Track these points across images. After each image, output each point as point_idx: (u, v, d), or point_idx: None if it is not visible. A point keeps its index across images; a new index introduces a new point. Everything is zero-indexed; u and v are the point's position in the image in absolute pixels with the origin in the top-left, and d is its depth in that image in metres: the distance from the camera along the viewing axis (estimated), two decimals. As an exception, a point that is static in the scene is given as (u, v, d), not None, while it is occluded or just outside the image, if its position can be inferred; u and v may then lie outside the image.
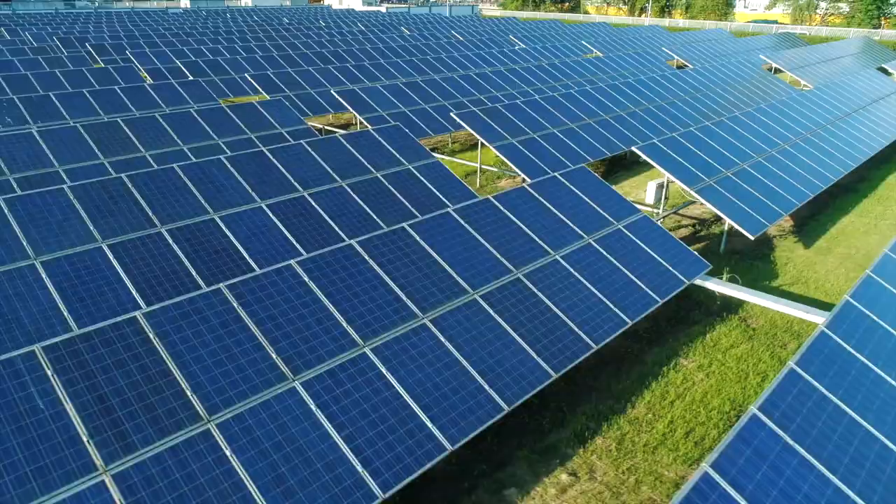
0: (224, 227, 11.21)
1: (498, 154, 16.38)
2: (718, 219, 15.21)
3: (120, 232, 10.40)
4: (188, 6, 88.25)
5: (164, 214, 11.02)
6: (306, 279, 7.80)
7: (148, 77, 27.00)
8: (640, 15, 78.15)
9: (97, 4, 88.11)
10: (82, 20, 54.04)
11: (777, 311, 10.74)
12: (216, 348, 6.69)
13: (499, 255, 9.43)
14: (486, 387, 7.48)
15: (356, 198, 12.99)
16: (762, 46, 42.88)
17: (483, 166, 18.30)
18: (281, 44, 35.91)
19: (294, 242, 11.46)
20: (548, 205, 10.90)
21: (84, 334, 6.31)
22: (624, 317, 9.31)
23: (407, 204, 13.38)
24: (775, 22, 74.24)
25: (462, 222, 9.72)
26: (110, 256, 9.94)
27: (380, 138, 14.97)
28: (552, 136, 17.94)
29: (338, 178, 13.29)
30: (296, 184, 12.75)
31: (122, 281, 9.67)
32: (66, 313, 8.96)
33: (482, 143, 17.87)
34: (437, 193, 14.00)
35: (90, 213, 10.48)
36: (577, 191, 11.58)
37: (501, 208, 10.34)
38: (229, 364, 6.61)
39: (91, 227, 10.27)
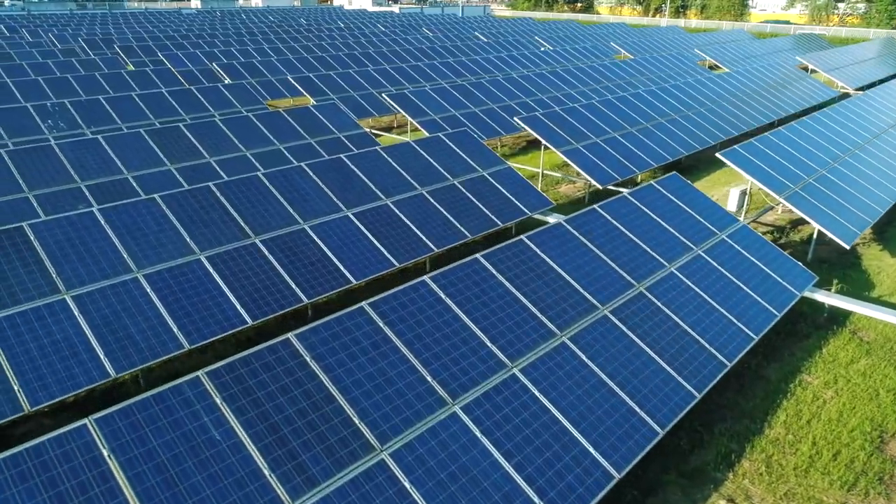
0: (315, 237, 10.90)
1: (565, 159, 16.06)
2: (795, 226, 14.90)
3: (216, 243, 10.09)
4: (199, 6, 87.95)
5: (256, 224, 10.71)
6: (442, 295, 7.49)
7: (183, 80, 26.67)
8: (654, 15, 77.81)
9: (108, 5, 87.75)
10: (100, 21, 53.72)
11: (889, 323, 10.43)
12: (372, 371, 6.38)
13: (616, 267, 9.12)
14: (637, 409, 7.17)
15: (437, 206, 12.68)
16: (788, 47, 42.58)
17: (545, 171, 17.97)
18: (309, 45, 35.59)
19: (385, 252, 11.15)
20: (651, 214, 10.59)
21: (243, 358, 6.00)
22: (749, 332, 9.00)
23: (486, 211, 13.07)
24: (787, 22, 74.02)
25: (576, 233, 9.41)
26: (209, 268, 9.63)
27: (451, 144, 14.67)
28: (614, 141, 17.63)
29: (417, 186, 12.98)
30: (378, 191, 12.44)
31: (224, 294, 9.36)
32: (175, 329, 8.65)
33: (544, 147, 17.57)
34: (514, 200, 13.69)
35: (184, 224, 10.17)
36: (675, 199, 11.27)
37: (609, 218, 10.03)
38: (388, 388, 6.29)
39: (188, 239, 9.95)
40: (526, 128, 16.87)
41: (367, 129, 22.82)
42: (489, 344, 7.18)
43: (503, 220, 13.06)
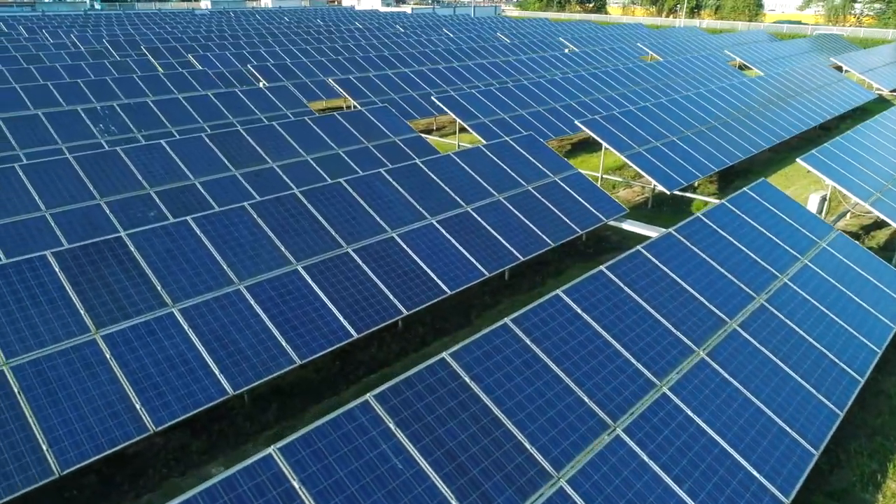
0: (405, 246, 10.63)
1: (629, 163, 15.78)
2: (868, 231, 14.64)
3: (311, 253, 9.82)
4: (209, 7, 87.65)
5: (346, 233, 10.45)
6: (579, 311, 7.22)
7: (219, 82, 26.38)
8: (667, 15, 77.53)
9: (119, 5, 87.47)
10: (116, 22, 53.43)
11: None
12: (531, 393, 6.11)
13: (733, 279, 8.85)
14: (788, 429, 6.90)
15: (516, 212, 12.42)
16: (813, 47, 42.29)
17: (604, 175, 17.70)
18: (335, 47, 35.30)
19: (473, 261, 10.88)
20: (752, 223, 10.32)
21: (406, 380, 5.73)
22: (871, 345, 8.73)
23: (564, 218, 12.80)
24: (799, 22, 73.71)
25: (687, 243, 9.14)
26: (308, 279, 9.37)
27: (519, 148, 14.40)
28: (672, 144, 17.36)
29: (494, 192, 12.71)
30: (457, 198, 12.17)
31: (326, 306, 9.10)
32: (283, 343, 8.39)
33: (605, 150, 17.31)
34: (589, 206, 13.42)
35: (277, 233, 9.90)
36: (770, 207, 11.00)
37: (715, 227, 9.76)
38: (550, 410, 6.03)
39: (283, 249, 9.69)
40: (587, 130, 16.61)
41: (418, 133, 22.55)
42: (634, 361, 6.91)
43: (581, 226, 12.80)
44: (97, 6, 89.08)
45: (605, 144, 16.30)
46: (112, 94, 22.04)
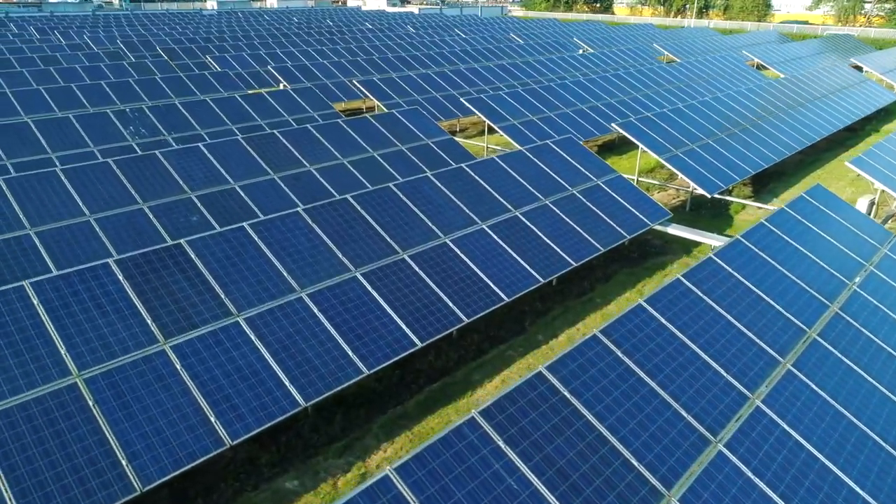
0: (459, 252, 10.46)
1: (669, 166, 15.61)
2: (912, 235, 14.47)
3: (368, 259, 9.65)
4: (215, 7, 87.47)
5: (401, 238, 10.28)
6: (663, 321, 7.05)
7: (241, 83, 26.20)
8: (676, 16, 77.35)
9: (126, 4, 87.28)
10: (126, 22, 53.27)
11: None
12: (629, 407, 5.94)
13: (805, 286, 8.68)
14: (882, 443, 6.73)
15: (564, 217, 12.24)
16: (828, 48, 42.09)
17: (639, 178, 17.53)
18: (351, 48, 35.11)
19: (528, 268, 10.72)
20: (815, 229, 10.15)
21: (508, 396, 5.56)
22: (947, 354, 8.56)
23: (611, 222, 12.63)
24: (806, 23, 73.54)
25: (756, 250, 8.96)
26: (368, 287, 9.20)
27: (560, 151, 14.23)
28: (708, 147, 17.18)
29: (540, 196, 12.54)
30: (505, 202, 12.00)
31: (388, 314, 8.93)
32: (350, 352, 8.22)
33: (642, 152, 17.14)
34: (634, 210, 13.25)
35: (333, 239, 9.73)
36: (829, 211, 10.83)
37: (780, 234, 9.58)
38: (650, 425, 5.85)
39: (340, 255, 9.52)
40: (623, 132, 16.44)
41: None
42: (724, 373, 6.74)
43: (629, 231, 12.63)
44: (124, 4, 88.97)
45: (641, 146, 16.12)
46: (135, 95, 21.88)
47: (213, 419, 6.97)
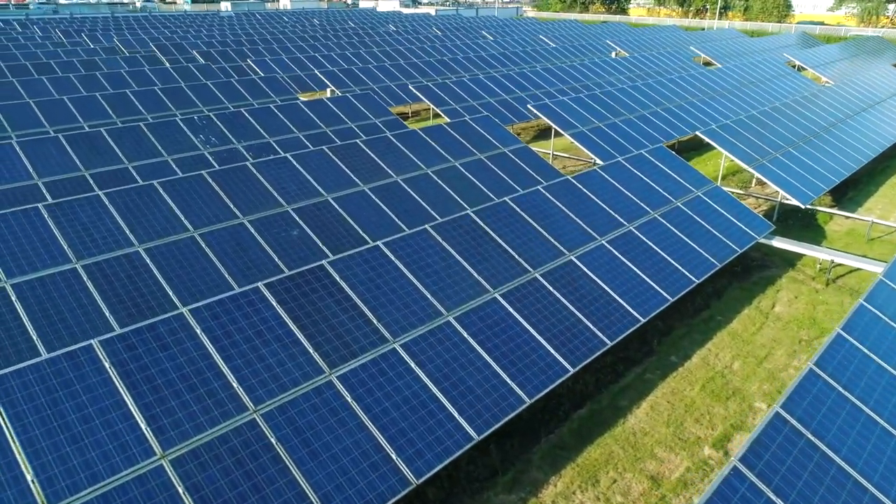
0: (587, 270, 10.08)
1: (762, 177, 15.21)
2: None
3: (502, 279, 9.28)
4: (229, 9, 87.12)
5: (529, 256, 9.91)
6: (840, 389, 6.66)
7: (293, 88, 25.84)
8: (695, 16, 76.95)
9: (140, 6, 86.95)
10: (148, 24, 52.92)
11: None
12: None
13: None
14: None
15: (676, 231, 11.87)
16: (862, 50, 41.69)
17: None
18: (387, 50, 34.71)
19: (655, 286, 10.35)
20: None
21: (758, 441, 5.18)
22: None
23: (720, 236, 12.27)
24: (821, 23, 73.15)
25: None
26: (509, 308, 8.84)
27: (656, 161, 13.85)
28: (789, 154, 16.79)
29: (649, 209, 12.19)
30: (617, 216, 11.64)
31: (535, 339, 8.58)
32: (508, 380, 7.85)
33: (725, 160, 16.76)
34: (738, 223, 12.87)
35: (465, 257, 9.35)
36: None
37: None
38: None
39: (476, 275, 9.14)
40: (709, 140, 16.06)
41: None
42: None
43: (738, 244, 12.26)
44: (187, 8, 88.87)
45: (726, 153, 15.73)
46: (189, 101, 21.53)
47: (394, 456, 6.60)
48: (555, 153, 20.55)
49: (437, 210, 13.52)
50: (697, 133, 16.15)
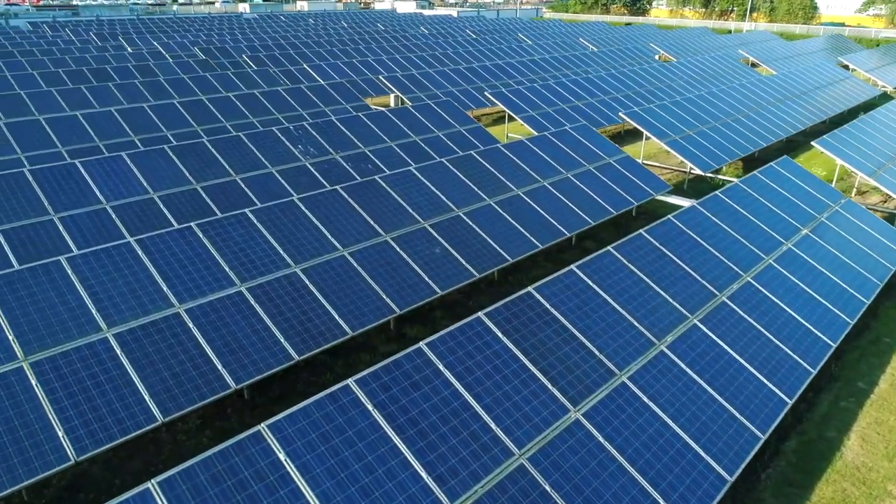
0: (767, 293, 9.70)
1: (887, 191, 14.85)
2: None
3: (697, 305, 8.89)
4: (247, 10, 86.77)
5: (710, 278, 9.51)
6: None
7: (357, 94, 25.45)
8: (719, 18, 76.58)
9: (164, 7, 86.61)
10: (177, 25, 52.55)
11: None
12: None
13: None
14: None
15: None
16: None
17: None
18: (436, 55, 34.26)
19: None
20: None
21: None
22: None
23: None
24: (843, 24, 72.82)
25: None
26: (712, 335, 8.43)
27: (775, 185, 13.47)
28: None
29: (782, 240, 11.79)
30: (750, 246, 11.25)
31: (748, 370, 8.16)
32: (736, 415, 7.45)
33: (853, 175, 16.37)
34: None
35: (657, 282, 8.97)
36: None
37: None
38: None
39: (672, 301, 8.76)
40: (825, 151, 15.68)
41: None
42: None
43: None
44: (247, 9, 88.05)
45: (847, 166, 15.36)
46: (264, 108, 21.18)
47: (661, 502, 6.21)
48: (644, 161, 20.19)
49: (563, 224, 13.13)
50: (813, 143, 15.76)
